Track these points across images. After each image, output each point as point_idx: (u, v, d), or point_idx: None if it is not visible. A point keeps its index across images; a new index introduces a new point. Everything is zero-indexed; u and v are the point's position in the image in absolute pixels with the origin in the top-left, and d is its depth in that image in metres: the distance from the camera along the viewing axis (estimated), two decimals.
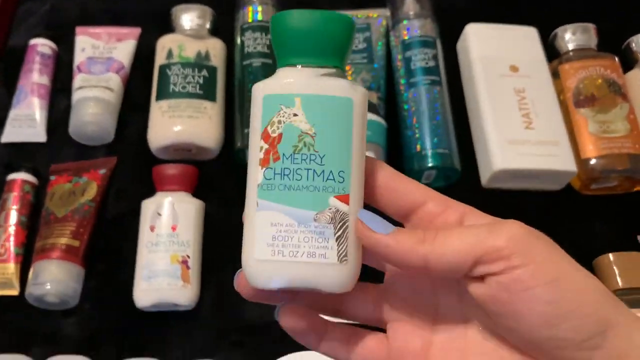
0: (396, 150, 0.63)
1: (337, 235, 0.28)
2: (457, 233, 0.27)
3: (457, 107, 0.66)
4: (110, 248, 0.59)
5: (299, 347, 0.52)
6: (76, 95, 0.63)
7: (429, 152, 0.60)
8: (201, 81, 0.63)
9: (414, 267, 0.27)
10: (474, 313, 0.29)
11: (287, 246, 0.28)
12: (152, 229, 0.56)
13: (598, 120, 0.62)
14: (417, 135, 0.61)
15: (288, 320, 0.30)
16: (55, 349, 0.54)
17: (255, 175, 0.29)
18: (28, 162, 0.61)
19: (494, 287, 0.26)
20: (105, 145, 0.64)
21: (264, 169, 0.28)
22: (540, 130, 0.62)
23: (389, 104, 0.65)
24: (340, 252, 0.28)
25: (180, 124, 0.61)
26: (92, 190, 0.59)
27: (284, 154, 0.28)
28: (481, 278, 0.27)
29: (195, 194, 0.60)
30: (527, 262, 0.25)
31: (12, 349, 0.53)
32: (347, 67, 0.66)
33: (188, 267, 0.55)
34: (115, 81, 0.64)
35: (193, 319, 0.56)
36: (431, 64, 0.64)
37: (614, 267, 0.56)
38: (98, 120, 0.62)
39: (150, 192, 0.59)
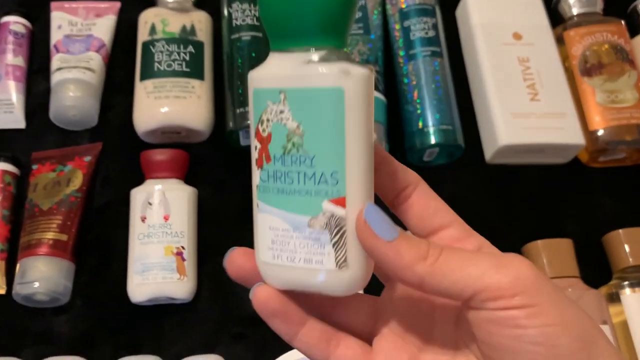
0: (396, 126, 0.60)
1: (333, 241, 0.26)
2: (461, 258, 0.25)
3: (458, 78, 0.63)
4: (99, 240, 0.56)
5: None
6: (55, 77, 0.59)
7: (432, 129, 0.57)
8: (187, 58, 0.59)
9: (409, 284, 0.26)
10: (467, 342, 0.28)
11: (284, 251, 0.27)
12: (143, 219, 0.53)
13: (606, 90, 0.59)
14: (418, 111, 0.58)
15: (262, 300, 0.27)
16: (47, 349, 0.51)
17: (254, 175, 0.27)
18: (7, 151, 0.58)
19: (484, 316, 0.25)
20: (88, 130, 0.60)
21: (259, 169, 0.27)
22: (546, 102, 0.59)
23: (388, 78, 0.62)
24: (339, 258, 0.26)
25: (167, 105, 0.57)
26: (78, 180, 0.56)
27: (274, 155, 0.26)
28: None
29: (187, 179, 0.57)
30: (530, 305, 0.24)
31: (2, 351, 0.51)
32: None
33: (183, 259, 0.52)
34: (96, 61, 0.60)
35: (191, 312, 0.53)
36: (431, 33, 0.61)
37: (625, 244, 0.54)
38: (80, 104, 0.58)
39: (139, 179, 0.56)
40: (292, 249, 0.26)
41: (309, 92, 0.25)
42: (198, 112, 0.58)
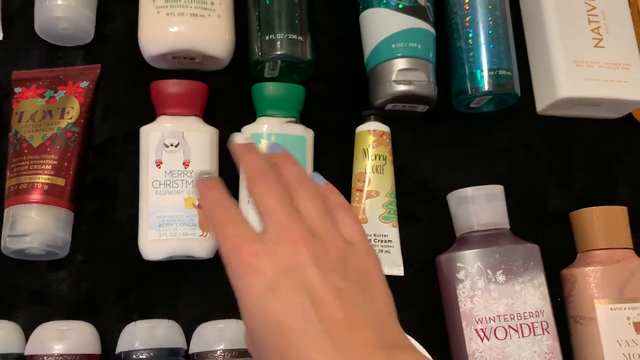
0: (444, 64, 0.53)
1: None
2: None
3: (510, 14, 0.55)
4: (101, 184, 0.47)
5: None
6: None
7: (487, 74, 0.50)
8: None
9: None
10: None
11: None
12: (158, 164, 0.45)
13: None
14: (471, 52, 0.51)
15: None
16: (44, 310, 0.44)
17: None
18: None
19: None
20: (82, 46, 0.50)
21: None
22: (611, 50, 0.53)
23: (436, 6, 0.53)
24: None
25: (182, 24, 0.47)
26: (74, 110, 0.46)
27: None
28: None
29: (204, 117, 0.48)
30: None
31: None
32: None
33: None
34: None
35: (210, 270, 0.47)
36: None
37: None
38: (72, 16, 0.47)
39: (147, 111, 0.47)
40: None
41: (290, 137, 0.47)
42: (218, 35, 0.48)
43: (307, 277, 0.31)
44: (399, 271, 0.48)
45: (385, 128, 0.49)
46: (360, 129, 0.50)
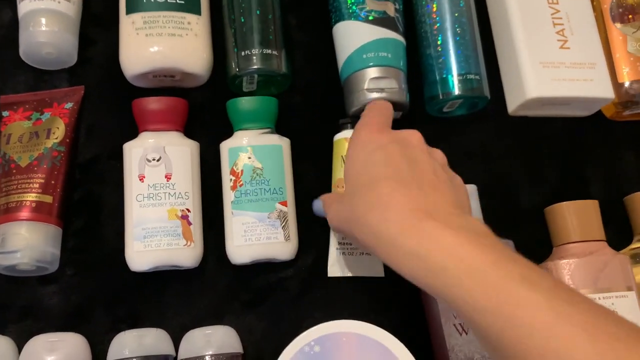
0: (415, 71, 0.54)
1: (282, 225, 0.47)
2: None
3: (479, 20, 0.57)
4: (87, 200, 0.49)
5: (320, 303, 0.47)
6: (23, 7, 0.50)
7: (457, 79, 0.52)
8: None
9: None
10: None
11: (253, 234, 0.46)
12: (141, 178, 0.46)
13: (639, 38, 0.55)
14: (440, 59, 0.53)
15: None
16: (35, 325, 0.46)
17: (228, 195, 0.48)
18: None
19: None
20: (66, 70, 0.52)
21: (233, 191, 0.47)
22: (576, 51, 0.55)
23: (408, 17, 0.55)
24: (285, 235, 0.47)
25: (160, 44, 0.49)
26: (60, 131, 0.48)
27: (245, 182, 0.47)
28: None
29: (185, 131, 0.50)
30: None
31: None
32: None
33: (189, 223, 0.46)
34: None
35: (196, 279, 0.48)
36: None
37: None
38: (55, 41, 0.49)
39: (130, 129, 0.49)
40: (258, 233, 0.46)
41: (266, 147, 0.48)
42: (195, 53, 0.50)
43: (414, 152, 0.40)
44: (380, 273, 0.50)
45: None
46: (338, 137, 0.51)
